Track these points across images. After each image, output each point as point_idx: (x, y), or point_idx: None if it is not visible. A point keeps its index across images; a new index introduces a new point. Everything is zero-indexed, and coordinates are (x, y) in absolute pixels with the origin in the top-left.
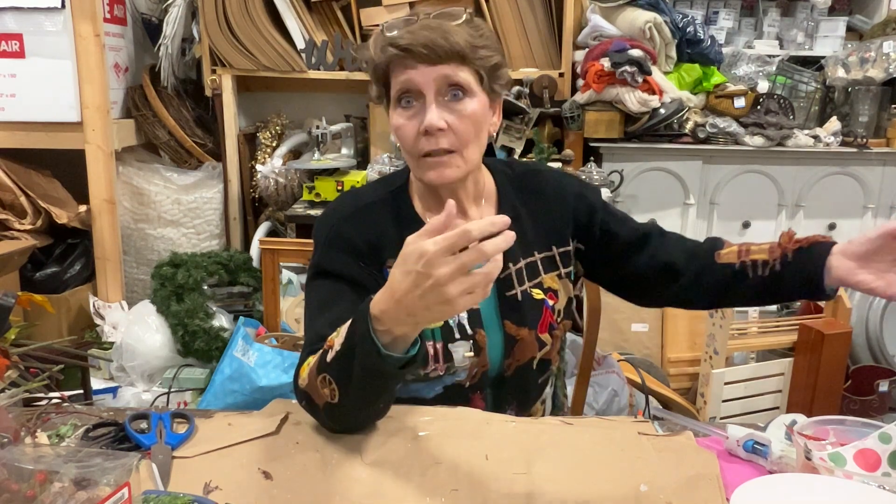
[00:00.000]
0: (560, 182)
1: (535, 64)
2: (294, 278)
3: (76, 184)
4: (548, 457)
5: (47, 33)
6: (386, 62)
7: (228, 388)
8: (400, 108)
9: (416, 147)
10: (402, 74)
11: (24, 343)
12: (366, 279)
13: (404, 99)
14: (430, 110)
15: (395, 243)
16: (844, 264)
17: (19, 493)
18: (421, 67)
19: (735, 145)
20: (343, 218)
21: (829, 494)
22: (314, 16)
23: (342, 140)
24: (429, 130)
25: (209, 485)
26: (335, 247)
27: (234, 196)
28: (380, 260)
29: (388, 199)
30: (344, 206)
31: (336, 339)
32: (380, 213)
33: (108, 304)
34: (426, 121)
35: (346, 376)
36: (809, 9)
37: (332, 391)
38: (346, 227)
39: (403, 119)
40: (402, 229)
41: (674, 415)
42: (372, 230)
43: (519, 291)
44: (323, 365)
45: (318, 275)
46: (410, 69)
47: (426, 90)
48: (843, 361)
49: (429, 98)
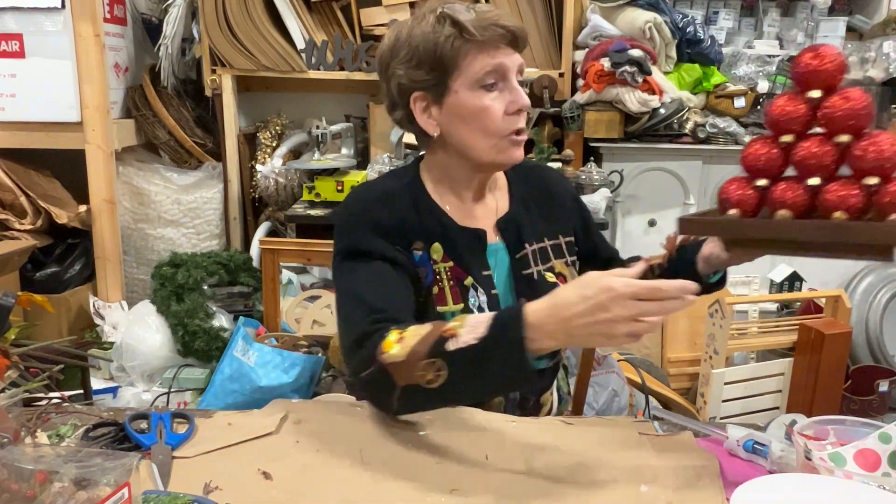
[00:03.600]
0: (560, 182)
1: (535, 64)
2: (294, 278)
3: (76, 184)
4: (548, 457)
5: (47, 33)
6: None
7: (228, 388)
8: (482, 90)
9: (505, 126)
10: (491, 57)
11: (24, 343)
12: (399, 258)
13: (489, 79)
14: (519, 92)
15: (417, 228)
16: (713, 248)
17: (19, 493)
18: (508, 51)
19: (735, 145)
20: (368, 201)
21: (829, 494)
22: (314, 16)
23: (342, 140)
24: (522, 109)
25: (209, 485)
26: (363, 228)
27: (234, 196)
28: (407, 241)
29: (403, 189)
30: (364, 193)
31: (461, 329)
32: (400, 200)
33: (108, 304)
34: (521, 101)
35: (470, 370)
36: (809, 9)
37: (438, 376)
38: (373, 210)
39: (490, 100)
40: (421, 215)
41: (674, 415)
42: (395, 214)
43: (535, 271)
44: (439, 351)
45: (350, 256)
46: (501, 52)
47: (511, 74)
48: (843, 361)
49: (513, 81)
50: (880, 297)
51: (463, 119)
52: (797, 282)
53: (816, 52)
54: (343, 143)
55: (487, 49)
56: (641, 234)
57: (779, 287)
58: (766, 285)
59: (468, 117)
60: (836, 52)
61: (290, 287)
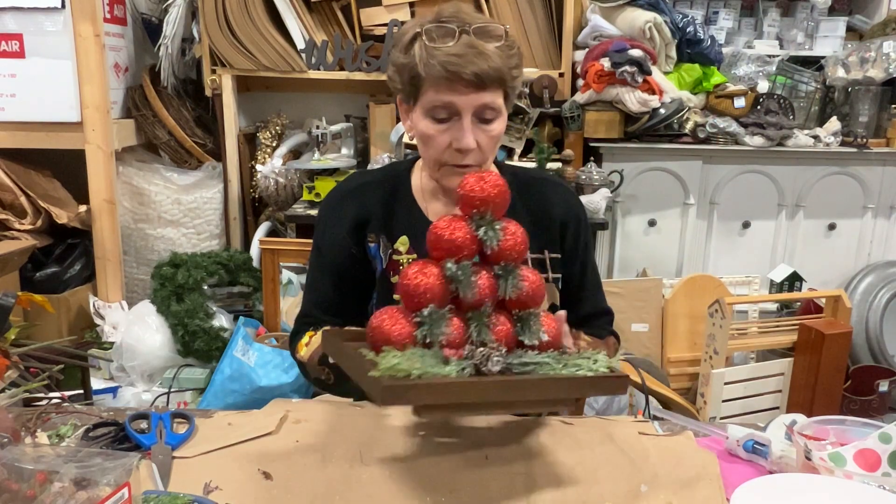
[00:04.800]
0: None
1: (535, 64)
2: (294, 278)
3: (76, 184)
4: (548, 456)
5: (47, 33)
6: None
7: (228, 387)
8: (431, 119)
9: (443, 157)
10: (444, 94)
11: (24, 343)
12: (348, 259)
13: (439, 113)
14: (466, 132)
15: (385, 220)
16: None
17: (19, 493)
18: (465, 92)
19: (735, 145)
20: (345, 193)
21: (829, 494)
22: (314, 16)
23: (342, 140)
24: (461, 150)
25: (209, 485)
26: (329, 222)
27: (234, 196)
28: (363, 236)
29: (385, 180)
30: (345, 184)
31: (312, 340)
32: (374, 192)
33: (108, 304)
34: (463, 142)
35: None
36: (809, 9)
37: (329, 377)
38: (344, 204)
39: (434, 131)
40: (391, 207)
41: (674, 415)
42: (364, 208)
43: None
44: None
45: (315, 248)
46: (454, 93)
47: (464, 112)
48: (843, 361)
49: (466, 120)
50: (880, 297)
51: (417, 135)
52: (797, 282)
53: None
54: (343, 143)
55: (441, 84)
56: (641, 234)
57: (779, 287)
58: (766, 285)
59: (418, 137)
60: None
61: (290, 287)
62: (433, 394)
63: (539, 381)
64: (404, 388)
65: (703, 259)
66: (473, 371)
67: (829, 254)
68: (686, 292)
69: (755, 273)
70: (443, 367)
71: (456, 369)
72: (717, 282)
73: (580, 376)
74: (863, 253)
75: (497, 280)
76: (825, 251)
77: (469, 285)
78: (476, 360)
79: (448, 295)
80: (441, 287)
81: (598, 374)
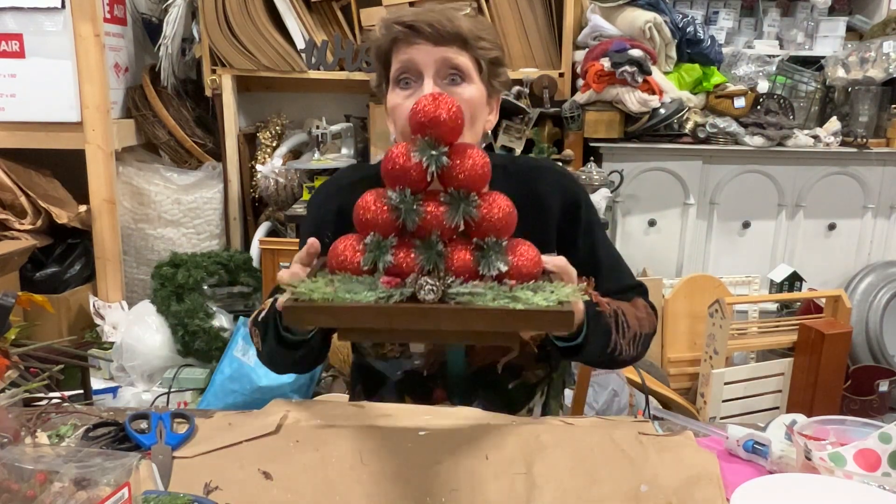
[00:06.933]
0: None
1: (535, 64)
2: None
3: (76, 184)
4: (548, 457)
5: (47, 33)
6: (390, 41)
7: (228, 387)
8: (398, 89)
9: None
10: (403, 53)
11: (24, 343)
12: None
13: (403, 79)
14: (426, 88)
15: None
16: None
17: (19, 493)
18: (423, 46)
19: (735, 145)
20: (330, 188)
21: (829, 494)
22: (314, 16)
23: (342, 140)
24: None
25: (209, 485)
26: (311, 217)
27: (234, 196)
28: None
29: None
30: (332, 181)
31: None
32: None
33: (108, 304)
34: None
35: (265, 337)
36: (809, 9)
37: (258, 342)
38: (330, 199)
39: (400, 98)
40: None
41: (674, 415)
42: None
43: None
44: (255, 321)
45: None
46: (413, 47)
47: (425, 70)
48: (843, 361)
49: (427, 78)
50: (880, 297)
51: (388, 114)
52: (797, 282)
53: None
54: (343, 143)
55: (405, 43)
56: (641, 234)
57: (779, 287)
58: (766, 285)
59: (389, 116)
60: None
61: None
62: (337, 317)
63: (455, 311)
64: (304, 310)
65: (703, 259)
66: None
67: (829, 254)
68: (686, 292)
69: (755, 273)
70: (364, 293)
71: (376, 297)
72: (717, 282)
73: (507, 308)
74: (863, 253)
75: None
76: (825, 251)
77: (410, 213)
78: (411, 289)
79: (392, 224)
80: (384, 215)
81: (532, 307)
